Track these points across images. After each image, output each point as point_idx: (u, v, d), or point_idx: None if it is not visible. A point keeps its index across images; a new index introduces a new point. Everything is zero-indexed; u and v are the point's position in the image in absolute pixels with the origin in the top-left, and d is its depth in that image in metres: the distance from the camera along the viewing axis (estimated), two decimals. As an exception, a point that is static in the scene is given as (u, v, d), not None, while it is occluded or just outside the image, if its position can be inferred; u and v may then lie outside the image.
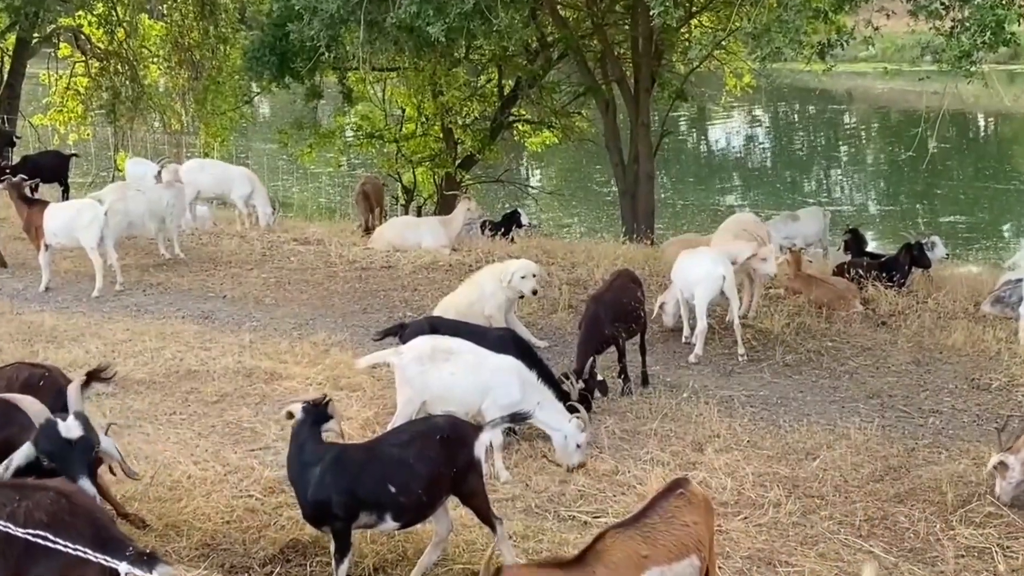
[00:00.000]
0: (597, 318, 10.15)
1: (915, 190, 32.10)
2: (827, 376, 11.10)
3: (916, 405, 10.28)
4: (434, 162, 23.29)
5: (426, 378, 8.40)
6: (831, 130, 43.46)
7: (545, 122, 23.91)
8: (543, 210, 30.06)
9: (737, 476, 8.36)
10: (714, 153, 41.48)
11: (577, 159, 35.48)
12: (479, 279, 11.61)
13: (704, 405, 9.93)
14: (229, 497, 7.77)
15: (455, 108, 22.27)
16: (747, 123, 44.79)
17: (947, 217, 28.66)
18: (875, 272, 13.95)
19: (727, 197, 33.55)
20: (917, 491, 8.18)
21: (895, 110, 42.91)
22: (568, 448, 8.42)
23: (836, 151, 40.43)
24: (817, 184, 35.92)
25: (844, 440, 9.14)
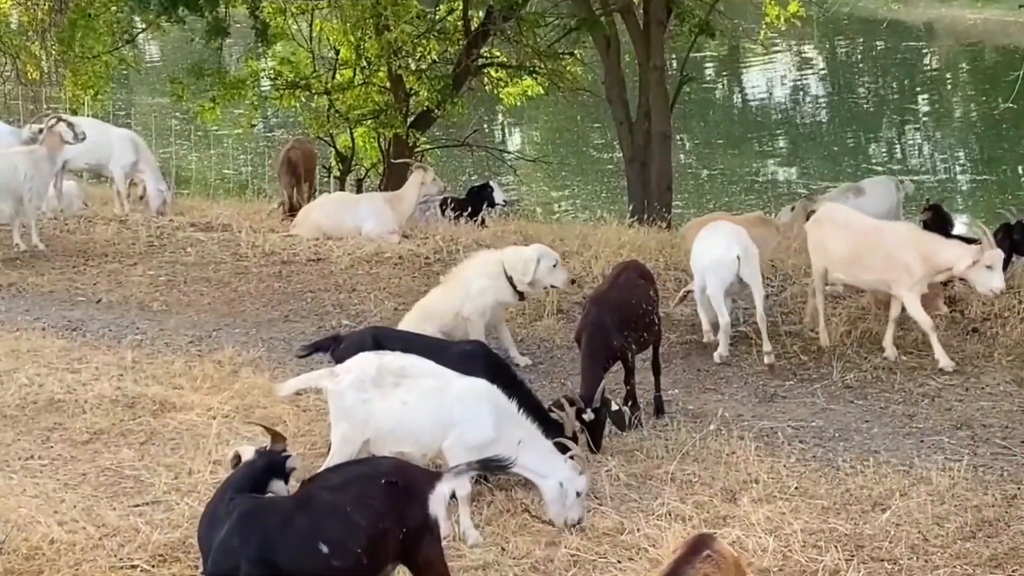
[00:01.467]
0: (602, 325, 10.17)
1: (1018, 153, 32.25)
2: (900, 401, 11.13)
3: (1019, 438, 10.30)
4: (379, 120, 23.21)
5: (370, 408, 8.39)
6: (906, 75, 43.61)
7: (526, 67, 23.88)
8: (524, 183, 30.10)
9: (782, 534, 8.35)
10: (750, 106, 41.60)
11: (569, 116, 35.50)
12: (465, 274, 11.67)
13: (738, 441, 9.94)
14: (105, 568, 7.70)
15: (406, 48, 22.21)
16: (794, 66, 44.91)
17: (1059, 188, 28.87)
18: (964, 262, 13.97)
19: (768, 163, 33.67)
20: (1019, 552, 8.20)
21: (990, 47, 43.12)
22: (565, 500, 8.43)
23: (912, 103, 40.58)
24: (888, 147, 36.09)
25: (923, 485, 9.16)
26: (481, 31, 23.17)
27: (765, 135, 37.36)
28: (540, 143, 37.34)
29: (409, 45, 22.21)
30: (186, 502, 8.63)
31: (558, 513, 8.46)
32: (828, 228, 12.37)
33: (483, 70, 24.30)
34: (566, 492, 8.39)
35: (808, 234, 12.68)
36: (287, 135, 25.54)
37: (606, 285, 10.71)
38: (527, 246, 11.92)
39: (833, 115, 39.37)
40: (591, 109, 30.27)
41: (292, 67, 24.65)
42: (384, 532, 6.52)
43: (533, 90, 24.83)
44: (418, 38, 22.66)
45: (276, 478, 7.00)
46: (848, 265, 12.12)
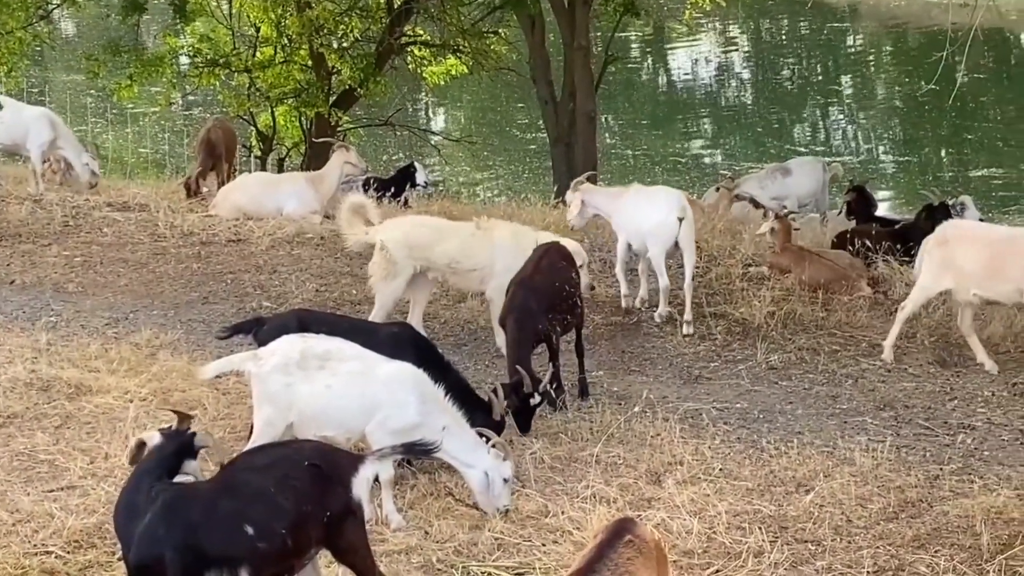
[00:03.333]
0: (528, 309, 10.18)
1: (940, 135, 32.64)
2: (824, 382, 11.21)
3: (941, 419, 10.42)
4: (300, 99, 23.10)
5: (293, 392, 8.35)
6: (830, 56, 43.97)
7: (450, 45, 23.83)
8: (448, 163, 30.08)
9: (706, 516, 8.40)
10: (676, 87, 41.77)
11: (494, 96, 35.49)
12: (496, 235, 11.65)
13: (663, 422, 9.97)
14: (19, 555, 7.62)
15: (328, 26, 22.08)
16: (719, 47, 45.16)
17: (980, 170, 29.17)
18: (887, 243, 14.14)
19: (693, 144, 33.85)
20: (942, 532, 8.29)
21: (913, 28, 43.52)
22: (492, 488, 8.42)
23: (836, 84, 40.93)
24: (812, 128, 36.40)
25: (847, 466, 9.24)
26: (404, 9, 23.09)
27: (690, 116, 37.55)
28: (464, 123, 37.30)
29: (331, 23, 22.08)
30: (102, 487, 8.54)
31: (486, 502, 8.46)
32: (957, 246, 11.50)
33: (406, 48, 24.21)
34: (492, 481, 8.39)
35: (929, 257, 11.65)
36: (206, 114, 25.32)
37: (529, 268, 10.67)
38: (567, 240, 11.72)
39: (758, 96, 39.62)
40: (516, 89, 30.28)
41: (211, 44, 24.49)
42: (308, 515, 6.50)
43: (457, 69, 24.78)
44: (340, 16, 22.56)
45: (187, 458, 6.94)
46: (986, 280, 11.31)
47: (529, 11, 20.67)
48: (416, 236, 11.61)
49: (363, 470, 6.71)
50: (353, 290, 13.39)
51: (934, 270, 11.53)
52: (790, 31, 47.36)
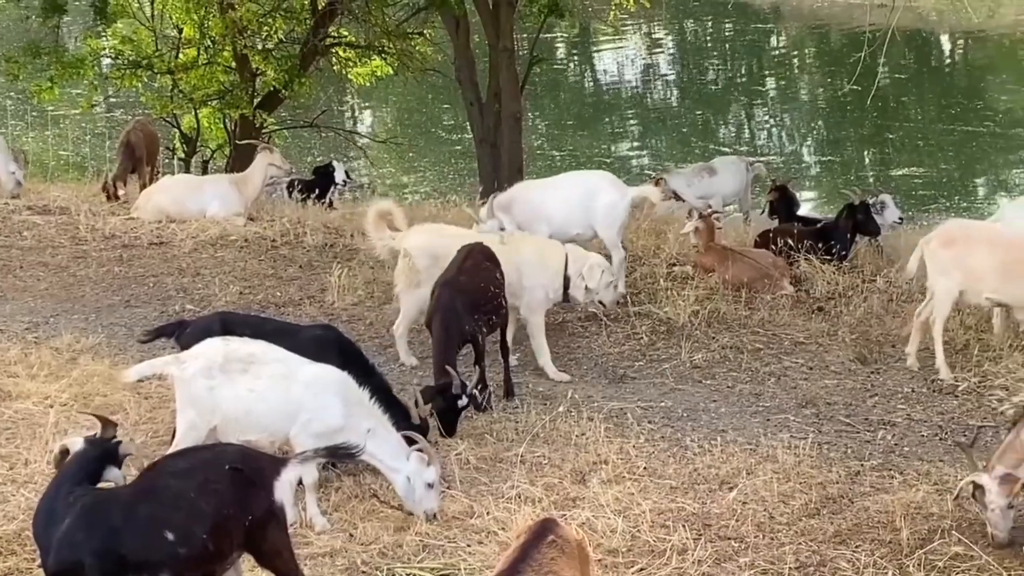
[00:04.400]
0: (453, 310, 10.18)
1: (861, 135, 32.92)
2: (747, 380, 11.29)
3: (862, 415, 10.52)
4: (224, 101, 22.96)
5: (217, 395, 8.32)
6: (754, 57, 44.28)
7: (375, 47, 23.76)
8: (375, 165, 29.98)
9: (630, 515, 8.44)
10: (602, 87, 41.87)
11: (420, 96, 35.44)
12: (523, 250, 11.44)
13: (588, 422, 10.00)
14: (-64, 564, 7.55)
15: (251, 27, 21.97)
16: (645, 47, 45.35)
17: (901, 169, 29.46)
18: (809, 241, 14.25)
19: (620, 145, 33.96)
20: (863, 528, 8.38)
21: (836, 29, 43.92)
22: (415, 492, 8.42)
23: (760, 84, 41.23)
24: (736, 128, 36.61)
25: (769, 463, 9.31)
26: (328, 10, 23.01)
27: (616, 116, 37.65)
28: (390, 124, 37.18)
29: (255, 24, 21.97)
30: (22, 493, 8.45)
31: (412, 506, 8.46)
32: (966, 247, 11.14)
33: (331, 50, 24.13)
34: (414, 486, 8.40)
35: (934, 260, 11.24)
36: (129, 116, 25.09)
37: (454, 269, 10.67)
38: (593, 254, 11.60)
39: (683, 96, 39.82)
40: (441, 90, 30.26)
41: (133, 46, 24.27)
42: (229, 519, 6.48)
43: (382, 70, 24.71)
44: (264, 16, 22.46)
45: (110, 465, 6.90)
46: (1001, 282, 11.01)
47: (454, 12, 20.65)
48: (440, 245, 11.38)
49: (285, 473, 6.70)
50: (277, 292, 13.35)
51: (945, 271, 11.13)
52: (715, 32, 47.63)
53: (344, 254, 14.57)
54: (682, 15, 47.77)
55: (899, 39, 12.18)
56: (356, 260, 14.15)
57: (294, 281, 13.75)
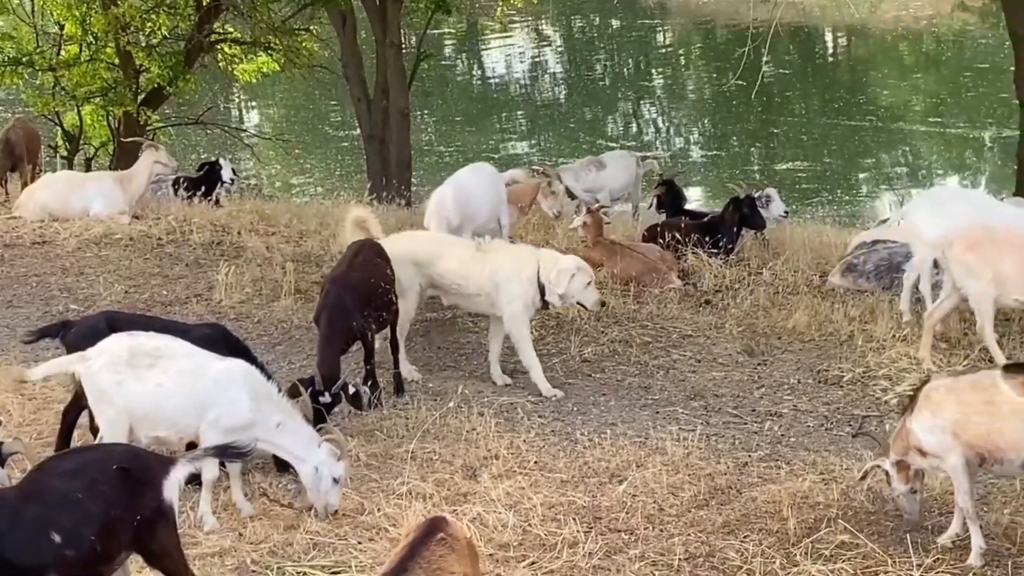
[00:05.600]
0: (341, 306, 10.14)
1: (747, 129, 33.33)
2: (636, 373, 11.37)
3: (749, 407, 10.65)
4: (108, 98, 22.69)
5: (124, 391, 8.24)
6: (641, 53, 44.61)
7: (260, 43, 23.62)
8: (262, 162, 29.77)
9: (521, 509, 8.47)
10: (490, 84, 41.96)
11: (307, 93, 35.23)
12: (499, 261, 11.09)
13: (478, 417, 10.01)
14: None
15: (134, 23, 21.73)
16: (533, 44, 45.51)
17: (786, 163, 29.88)
18: (696, 235, 14.38)
19: (509, 141, 34.04)
20: (751, 518, 8.47)
21: (721, 25, 44.38)
22: (320, 485, 8.38)
23: (647, 80, 41.55)
24: (624, 123, 36.86)
25: (659, 456, 9.38)
26: (213, 5, 22.81)
27: (505, 112, 37.76)
28: (278, 121, 36.98)
29: (137, 20, 21.76)
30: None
31: (315, 499, 8.42)
32: (993, 248, 10.85)
33: (216, 46, 23.95)
34: (321, 477, 8.35)
35: (960, 263, 10.93)
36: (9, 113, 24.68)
37: (343, 265, 10.62)
38: (567, 256, 11.22)
39: (571, 92, 40.02)
40: (328, 86, 30.07)
41: (14, 43, 23.86)
42: (117, 520, 6.39)
43: (268, 67, 24.59)
44: (147, 12, 22.23)
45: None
46: None
47: (340, 8, 20.61)
48: (420, 252, 11.23)
49: (174, 472, 6.63)
50: (164, 291, 13.20)
51: (975, 274, 10.82)
52: (601, 28, 47.93)
53: (231, 252, 14.45)
54: (569, 11, 48.01)
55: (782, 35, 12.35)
56: (243, 258, 14.04)
57: (180, 279, 13.60)
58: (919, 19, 42.80)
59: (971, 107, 34.00)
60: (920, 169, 30.51)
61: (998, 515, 8.36)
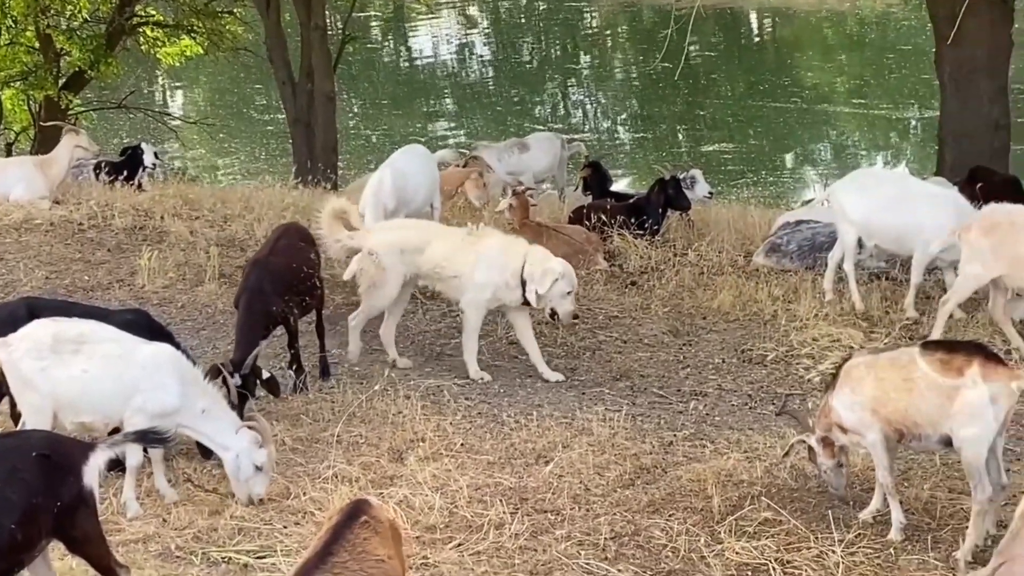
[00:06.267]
0: (261, 291, 10.08)
1: (674, 112, 33.46)
2: (562, 355, 11.40)
3: (674, 387, 10.72)
4: (28, 82, 22.50)
5: (48, 377, 8.18)
6: (568, 35, 44.69)
7: (183, 26, 23.47)
8: (186, 146, 29.56)
9: (448, 491, 8.49)
10: (417, 67, 41.85)
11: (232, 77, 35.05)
12: (486, 244, 10.94)
13: (404, 400, 10.02)
14: None
15: (54, 6, 21.52)
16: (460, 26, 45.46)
17: (713, 145, 30.05)
18: (621, 217, 14.43)
19: (436, 124, 34.04)
20: (676, 497, 8.54)
21: (647, 7, 44.49)
22: (242, 472, 8.34)
23: (575, 62, 41.63)
24: (552, 106, 36.93)
25: (585, 436, 9.43)
26: (135, -13, 22.63)
27: (432, 95, 37.71)
28: (203, 105, 36.72)
29: (58, 3, 21.58)
30: None
31: (237, 486, 8.38)
32: (1012, 233, 10.81)
33: (138, 29, 23.76)
34: (241, 465, 8.32)
35: (973, 246, 10.90)
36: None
37: (266, 249, 10.57)
38: (556, 259, 10.92)
39: (498, 74, 40.04)
40: (253, 70, 29.95)
41: (-70, 26, 23.56)
42: (38, 507, 6.34)
43: (192, 50, 24.44)
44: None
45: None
46: None
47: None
48: (408, 240, 11.01)
49: (94, 458, 6.58)
50: (85, 276, 13.07)
51: (983, 258, 10.83)
52: (528, 10, 47.92)
53: (154, 236, 14.31)
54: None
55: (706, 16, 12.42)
56: (166, 243, 13.93)
57: (102, 265, 13.47)
58: (843, 1, 43.11)
59: (894, 88, 34.38)
60: (844, 150, 30.78)
61: (918, 490, 8.51)
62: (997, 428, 7.60)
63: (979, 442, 7.58)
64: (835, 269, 12.30)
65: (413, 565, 7.50)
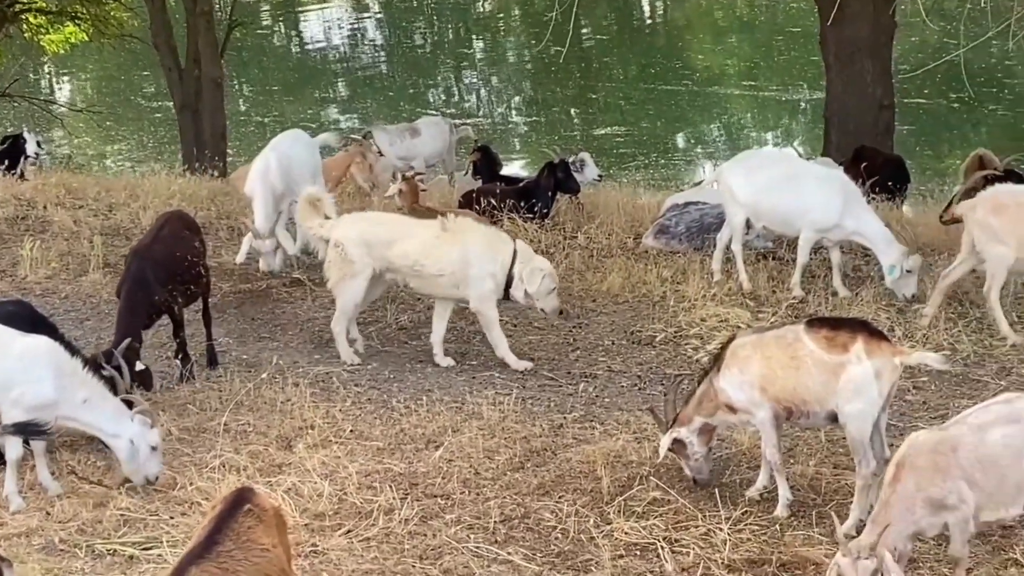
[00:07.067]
0: (143, 280, 9.98)
1: (566, 95, 33.55)
2: (453, 339, 11.38)
3: (564, 369, 10.77)
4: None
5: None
6: (460, 20, 44.61)
7: (67, 12, 23.13)
8: (72, 134, 29.15)
9: (337, 478, 8.48)
10: (308, 52, 41.61)
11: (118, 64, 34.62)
12: (470, 238, 10.77)
13: (293, 388, 9.99)
14: None
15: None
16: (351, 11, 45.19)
17: (605, 128, 30.16)
18: (511, 201, 14.45)
19: (328, 109, 33.86)
20: (566, 479, 8.59)
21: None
22: (139, 455, 8.27)
23: (467, 47, 41.58)
24: (445, 90, 36.87)
25: (475, 420, 9.46)
26: (16, -26, 22.26)
27: (323, 80, 37.51)
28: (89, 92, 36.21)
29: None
30: None
31: (134, 471, 8.31)
32: (1018, 213, 10.77)
33: (21, 16, 23.35)
34: (137, 448, 8.25)
35: (983, 227, 10.88)
36: None
37: (149, 238, 10.47)
38: (540, 258, 11.00)
39: (390, 59, 39.91)
40: (140, 56, 29.59)
41: None
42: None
43: (77, 37, 24.11)
44: (-55, -19, 21.59)
45: None
46: None
47: (148, -24, 20.25)
48: (373, 234, 10.80)
49: (-29, 452, 6.50)
50: (-40, 268, 12.89)
51: (999, 239, 10.81)
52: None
53: (37, 226, 14.13)
54: (388, -22, 47.81)
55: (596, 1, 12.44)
56: (49, 232, 13.76)
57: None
58: (733, -16, 43.55)
59: (783, 70, 34.75)
60: (735, 131, 31.06)
61: (803, 467, 8.62)
62: (881, 403, 7.75)
63: (863, 417, 7.71)
64: (723, 250, 12.44)
65: (302, 552, 7.50)
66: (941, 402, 9.80)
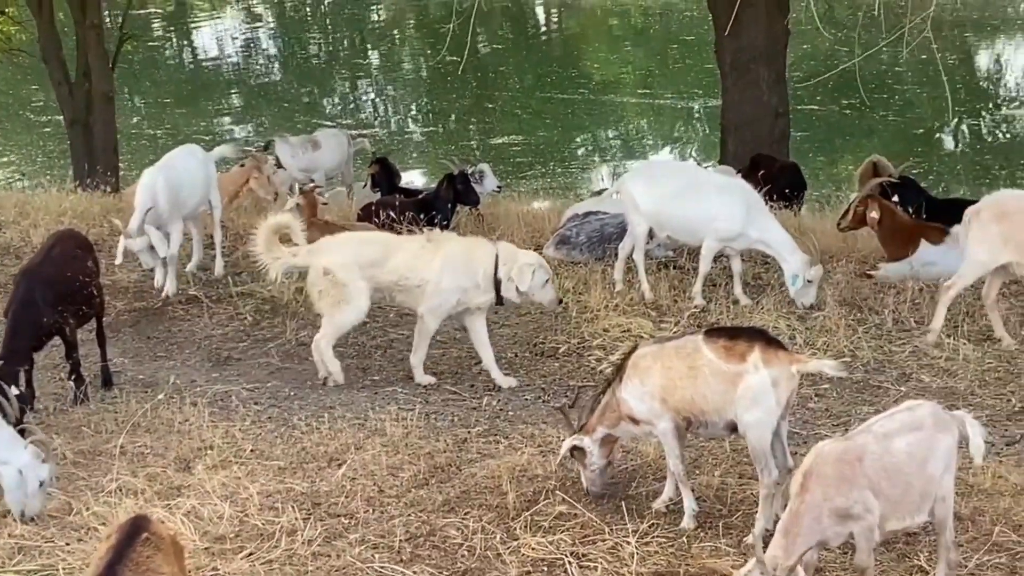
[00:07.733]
0: (30, 302, 9.76)
1: (463, 105, 33.55)
2: (354, 355, 11.30)
3: (468, 383, 10.70)
4: None
5: None
6: (355, 30, 44.50)
7: (-48, 26, 22.69)
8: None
9: (238, 499, 8.35)
10: (202, 64, 41.25)
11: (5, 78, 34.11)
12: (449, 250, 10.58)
13: (191, 408, 9.85)
14: None
15: None
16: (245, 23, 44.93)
17: (503, 137, 30.16)
18: (411, 213, 14.37)
19: (222, 121, 33.56)
20: (471, 494, 8.51)
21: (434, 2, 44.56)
22: (26, 487, 8.06)
23: (363, 58, 41.46)
24: (341, 101, 36.71)
25: (378, 437, 9.35)
26: None
27: (217, 93, 37.21)
28: (-25, 107, 35.67)
29: None
30: None
31: (14, 503, 8.09)
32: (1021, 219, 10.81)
33: (-96, 30, 22.90)
34: (26, 480, 8.04)
35: (983, 231, 10.91)
36: None
37: (39, 257, 10.23)
38: (527, 251, 10.79)
39: (285, 71, 39.72)
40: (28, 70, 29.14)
41: None
42: None
43: (-38, 51, 23.65)
44: None
45: None
46: None
47: (34, -12, 19.92)
48: (366, 254, 10.57)
49: None
50: None
51: (991, 244, 10.86)
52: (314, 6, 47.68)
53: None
54: (278, -11, 47.62)
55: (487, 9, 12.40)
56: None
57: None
58: (627, -8, 43.84)
59: (679, 78, 34.99)
60: (632, 140, 31.20)
61: (709, 477, 8.62)
62: (780, 411, 7.75)
63: (762, 426, 7.71)
64: (625, 260, 12.44)
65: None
66: (843, 409, 9.85)
